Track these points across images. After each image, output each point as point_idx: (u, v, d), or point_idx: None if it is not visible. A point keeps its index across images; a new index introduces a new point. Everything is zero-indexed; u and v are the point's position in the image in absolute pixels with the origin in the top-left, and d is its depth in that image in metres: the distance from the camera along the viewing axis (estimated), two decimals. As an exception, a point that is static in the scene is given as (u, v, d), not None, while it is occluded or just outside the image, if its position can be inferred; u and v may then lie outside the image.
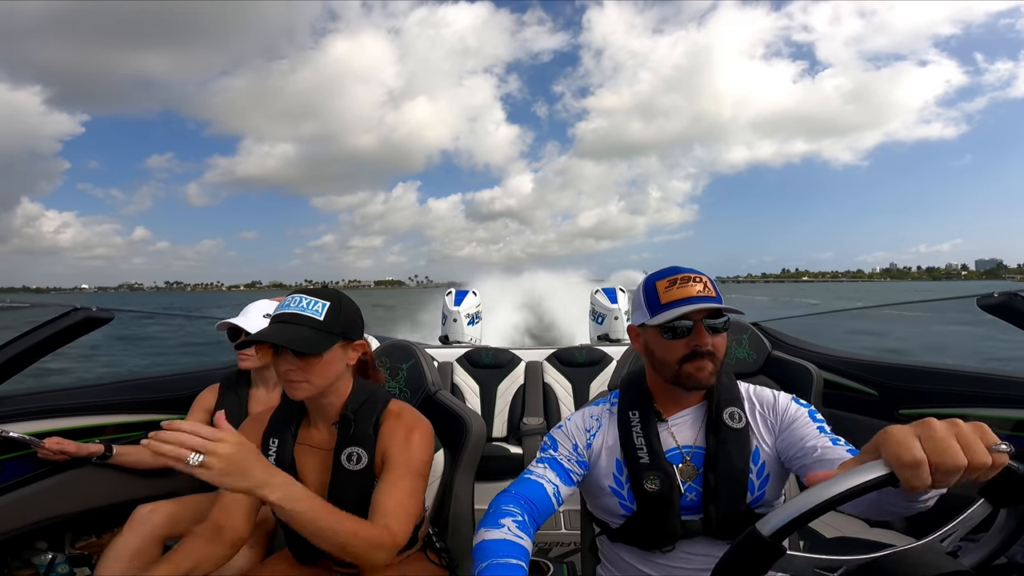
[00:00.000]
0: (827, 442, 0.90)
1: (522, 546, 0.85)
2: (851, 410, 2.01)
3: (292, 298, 1.02)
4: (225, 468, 0.76)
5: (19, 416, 1.57)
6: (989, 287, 1.65)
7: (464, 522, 1.28)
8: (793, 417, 0.99)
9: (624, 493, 1.02)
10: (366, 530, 0.91)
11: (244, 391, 1.69)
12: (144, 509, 1.44)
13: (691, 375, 0.96)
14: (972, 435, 0.54)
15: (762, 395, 1.05)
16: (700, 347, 0.95)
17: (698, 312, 0.95)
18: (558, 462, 1.04)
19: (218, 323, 1.65)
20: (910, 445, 0.53)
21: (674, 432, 1.04)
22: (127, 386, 1.93)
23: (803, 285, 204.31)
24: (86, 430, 1.71)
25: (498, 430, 2.96)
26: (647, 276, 1.06)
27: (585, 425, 1.09)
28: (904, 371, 1.91)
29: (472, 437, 1.30)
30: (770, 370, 1.93)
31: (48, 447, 1.49)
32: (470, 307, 4.09)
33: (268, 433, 1.10)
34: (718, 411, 1.02)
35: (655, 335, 1.00)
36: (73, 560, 1.69)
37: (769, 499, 0.99)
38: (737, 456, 0.98)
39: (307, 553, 1.12)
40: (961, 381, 1.69)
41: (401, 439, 1.04)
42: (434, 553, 1.20)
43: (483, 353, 3.16)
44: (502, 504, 0.94)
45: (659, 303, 0.98)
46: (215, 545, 0.98)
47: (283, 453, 1.08)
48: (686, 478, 1.00)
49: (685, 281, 0.98)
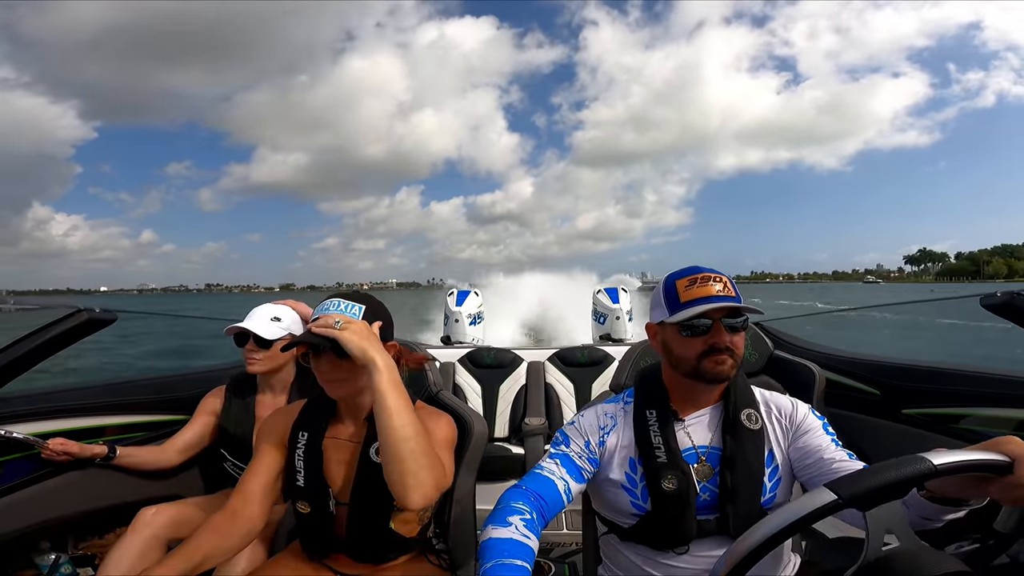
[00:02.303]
0: (844, 456, 0.92)
1: (528, 546, 0.85)
2: (853, 410, 2.00)
3: (330, 302, 1.06)
4: (357, 331, 0.96)
5: (23, 417, 1.57)
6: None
7: (466, 523, 1.28)
8: (809, 427, 1.00)
9: (638, 492, 1.02)
10: (434, 451, 0.97)
11: (251, 396, 1.69)
12: (148, 511, 1.44)
13: (710, 369, 0.97)
14: None
15: (779, 401, 1.06)
16: (718, 344, 0.96)
17: (717, 311, 0.96)
18: (570, 458, 1.04)
19: (226, 328, 1.65)
20: None
21: (690, 432, 1.04)
22: (131, 387, 1.93)
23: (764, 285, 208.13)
24: (89, 431, 1.71)
25: (500, 430, 2.95)
26: (667, 275, 1.06)
27: (599, 423, 1.09)
28: (906, 371, 1.90)
29: (474, 438, 1.30)
30: (772, 370, 1.93)
31: (51, 448, 1.50)
32: (472, 307, 4.09)
33: (297, 426, 1.13)
34: (735, 412, 1.02)
35: (674, 333, 1.01)
36: (76, 561, 1.69)
37: (780, 501, 1.00)
38: (753, 457, 0.98)
39: (320, 548, 1.13)
40: (964, 381, 1.68)
41: (428, 420, 1.08)
42: (434, 555, 1.20)
43: (485, 353, 3.16)
44: (511, 500, 0.93)
45: (679, 301, 0.99)
46: (228, 534, 1.01)
47: (312, 445, 1.10)
48: (702, 478, 1.00)
49: (705, 280, 0.99)
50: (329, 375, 1.04)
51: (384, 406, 0.93)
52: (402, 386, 0.97)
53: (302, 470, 1.09)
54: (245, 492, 1.07)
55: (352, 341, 0.94)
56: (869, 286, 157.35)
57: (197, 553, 0.95)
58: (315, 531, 1.12)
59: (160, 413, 1.92)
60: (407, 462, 0.91)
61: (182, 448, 1.68)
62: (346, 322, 0.97)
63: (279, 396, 1.68)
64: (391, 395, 0.93)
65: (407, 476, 0.91)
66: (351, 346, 0.94)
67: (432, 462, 0.95)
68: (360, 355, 0.94)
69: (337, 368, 1.02)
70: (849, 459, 0.90)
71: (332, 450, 1.11)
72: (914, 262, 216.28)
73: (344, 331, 0.95)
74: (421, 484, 0.92)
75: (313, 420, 1.13)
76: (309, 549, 1.15)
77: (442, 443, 1.07)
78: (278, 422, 1.16)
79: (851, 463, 0.89)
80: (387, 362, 0.96)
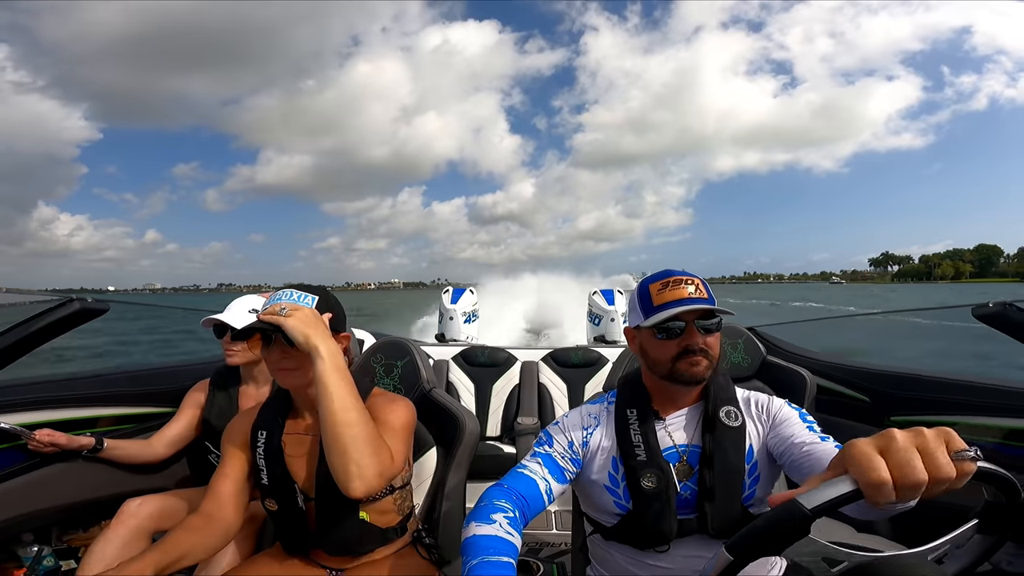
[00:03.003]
0: (816, 439, 0.92)
1: (512, 543, 0.85)
2: (843, 416, 2.02)
3: (283, 292, 1.06)
4: (301, 318, 0.96)
5: (10, 407, 1.56)
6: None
7: (455, 520, 1.28)
8: (784, 416, 1.01)
9: (620, 491, 1.02)
10: (379, 437, 0.97)
11: (234, 388, 1.69)
12: (133, 503, 1.43)
13: (685, 371, 0.98)
14: (935, 445, 0.52)
15: (757, 397, 1.08)
16: (692, 346, 0.97)
17: (690, 313, 0.97)
18: (552, 459, 1.04)
19: (203, 319, 1.64)
20: (873, 463, 0.52)
21: (671, 431, 1.04)
22: (119, 378, 1.92)
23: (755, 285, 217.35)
24: (77, 422, 1.70)
25: (492, 429, 2.96)
26: (641, 279, 1.07)
27: (583, 423, 1.09)
28: (896, 378, 1.92)
29: (465, 436, 1.30)
30: (764, 375, 1.94)
31: (39, 439, 1.48)
32: (467, 305, 4.09)
33: (256, 426, 1.12)
34: (714, 410, 1.03)
35: (649, 336, 1.02)
36: (60, 553, 1.68)
37: (760, 497, 1.00)
38: (733, 455, 0.99)
39: (296, 544, 1.13)
40: (952, 389, 1.70)
41: (381, 407, 1.09)
42: (424, 549, 1.20)
43: (479, 352, 3.16)
44: (494, 498, 0.93)
45: (652, 305, 1.00)
46: (205, 535, 1.00)
47: (271, 442, 1.09)
48: (682, 477, 1.00)
49: (677, 283, 1.00)
50: (279, 364, 1.03)
51: (325, 392, 0.93)
52: (347, 373, 0.97)
53: (265, 468, 1.08)
54: (217, 495, 1.06)
55: (295, 328, 0.94)
56: (834, 285, 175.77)
57: (175, 550, 0.94)
58: (288, 528, 1.11)
59: (148, 405, 1.91)
60: (349, 450, 0.91)
61: (169, 442, 1.67)
62: (292, 309, 0.97)
63: (262, 387, 1.67)
64: (332, 382, 0.93)
65: (349, 464, 0.91)
66: (294, 332, 0.94)
67: (377, 449, 0.94)
68: (303, 341, 0.94)
69: (287, 357, 1.02)
70: (822, 442, 0.90)
71: (292, 445, 1.10)
72: (877, 264, 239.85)
73: (288, 318, 0.95)
74: (363, 472, 0.91)
75: (271, 417, 1.13)
76: (287, 546, 1.15)
77: (397, 428, 1.07)
78: (239, 423, 1.15)
79: (822, 445, 0.89)
80: (330, 349, 0.96)
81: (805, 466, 0.87)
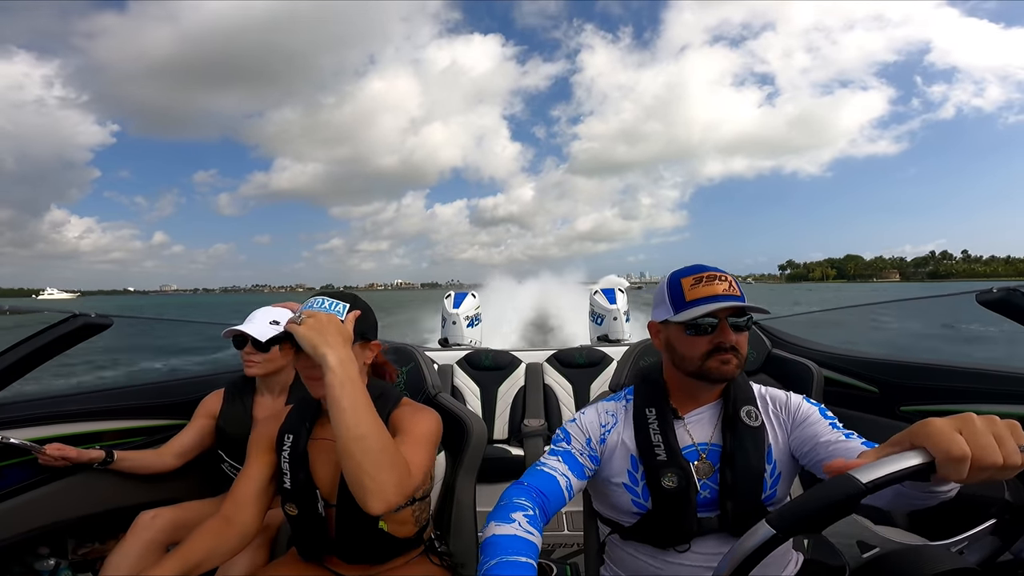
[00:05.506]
0: (841, 436, 0.91)
1: (532, 543, 0.84)
2: (852, 407, 2.01)
3: (315, 300, 1.05)
4: (312, 325, 0.93)
5: (20, 422, 1.57)
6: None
7: (466, 524, 1.28)
8: (805, 415, 1.00)
9: (638, 490, 1.02)
10: (396, 449, 0.93)
11: (249, 398, 1.69)
12: (147, 515, 1.44)
13: (715, 368, 0.97)
14: (1007, 433, 0.55)
15: (775, 394, 1.06)
16: (724, 343, 0.96)
17: (723, 310, 0.96)
18: (572, 455, 1.03)
19: (224, 331, 1.65)
20: (956, 439, 0.54)
21: (690, 429, 1.04)
22: (128, 392, 1.92)
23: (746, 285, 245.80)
24: (87, 436, 1.71)
25: (499, 432, 2.96)
26: (671, 272, 1.05)
27: (601, 420, 1.09)
28: (904, 368, 1.91)
29: (473, 439, 1.30)
30: (770, 368, 1.93)
31: (49, 453, 1.49)
32: (469, 309, 4.09)
33: (283, 430, 1.12)
34: (735, 409, 1.02)
35: (678, 331, 1.01)
36: (76, 566, 1.69)
37: (780, 497, 1.00)
38: (754, 453, 0.98)
39: (313, 550, 1.13)
40: (962, 377, 1.69)
41: (406, 417, 1.08)
42: (436, 556, 1.20)
43: (483, 355, 3.16)
44: (513, 497, 0.93)
45: (684, 300, 0.99)
46: (223, 539, 1.00)
47: (297, 447, 1.09)
48: (702, 475, 1.00)
49: (711, 280, 0.99)
50: (307, 372, 1.02)
51: (335, 404, 0.89)
52: (359, 383, 0.93)
53: (288, 472, 1.08)
54: (237, 498, 1.06)
55: (304, 336, 0.92)
56: (746, 285, 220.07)
57: (192, 556, 0.94)
58: (306, 533, 1.11)
59: (159, 417, 1.91)
60: (363, 463, 0.87)
61: (180, 451, 1.67)
62: (307, 316, 0.95)
63: (278, 398, 1.67)
64: (342, 393, 0.89)
65: (364, 478, 0.87)
66: (302, 341, 0.92)
67: (394, 462, 0.90)
68: (310, 350, 0.92)
69: (313, 365, 0.98)
70: (847, 439, 0.89)
71: (317, 451, 1.10)
72: (782, 268, 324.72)
73: (301, 325, 0.93)
74: (380, 487, 0.87)
75: (298, 422, 1.12)
76: (303, 551, 1.14)
77: (419, 438, 1.04)
78: (267, 427, 1.15)
79: (848, 442, 0.88)
80: (341, 358, 0.92)
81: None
